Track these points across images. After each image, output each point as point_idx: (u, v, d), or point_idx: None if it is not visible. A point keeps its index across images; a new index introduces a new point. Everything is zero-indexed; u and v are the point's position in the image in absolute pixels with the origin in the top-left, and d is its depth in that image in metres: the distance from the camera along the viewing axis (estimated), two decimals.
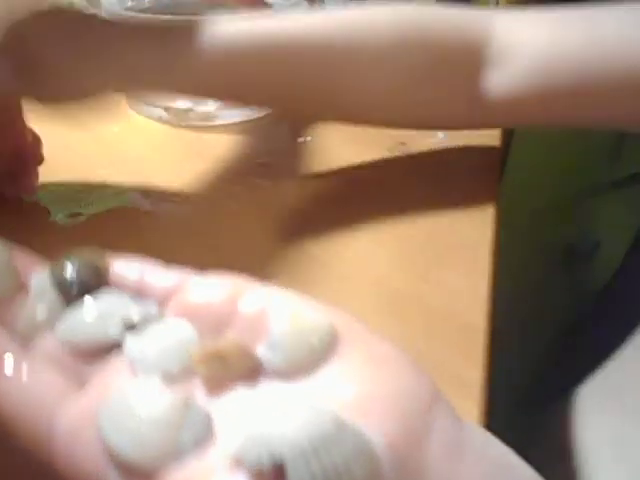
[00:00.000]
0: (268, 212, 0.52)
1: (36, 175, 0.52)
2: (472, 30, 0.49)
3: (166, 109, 0.66)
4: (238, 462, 0.19)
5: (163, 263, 0.28)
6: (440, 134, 0.61)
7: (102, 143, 0.63)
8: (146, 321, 0.25)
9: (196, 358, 0.23)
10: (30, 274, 0.27)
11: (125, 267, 0.27)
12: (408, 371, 0.23)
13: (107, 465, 0.21)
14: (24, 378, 0.23)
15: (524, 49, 0.48)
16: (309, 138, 0.63)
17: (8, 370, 0.23)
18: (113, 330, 0.25)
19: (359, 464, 0.19)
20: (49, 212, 0.51)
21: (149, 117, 0.68)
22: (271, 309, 0.25)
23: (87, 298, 0.26)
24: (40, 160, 0.52)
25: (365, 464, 0.19)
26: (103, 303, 0.26)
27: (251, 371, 0.23)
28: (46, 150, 0.54)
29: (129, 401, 0.22)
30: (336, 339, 0.24)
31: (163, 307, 0.26)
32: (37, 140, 0.52)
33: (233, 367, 0.23)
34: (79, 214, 0.51)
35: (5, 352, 0.23)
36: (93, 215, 0.51)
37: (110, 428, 0.21)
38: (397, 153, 0.59)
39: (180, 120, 0.66)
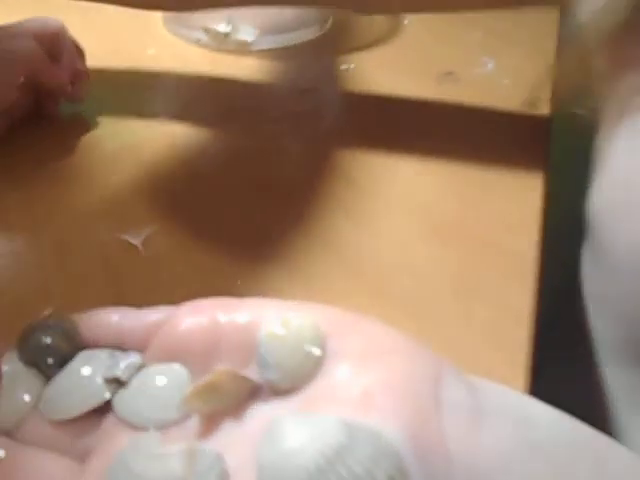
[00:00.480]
0: (307, 137, 0.50)
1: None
2: None
3: (205, 31, 0.63)
4: None
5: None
6: (489, 64, 0.59)
7: (138, 65, 0.61)
8: (131, 373, 0.24)
9: (190, 397, 0.22)
10: None
11: (95, 322, 0.25)
12: (407, 354, 0.23)
13: None
14: (18, 469, 0.21)
15: None
16: (352, 66, 0.61)
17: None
18: (99, 393, 0.23)
19: (381, 466, 0.18)
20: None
21: (187, 40, 0.66)
22: (250, 327, 0.23)
23: (65, 368, 0.24)
24: (86, 75, 0.52)
25: (388, 464, 0.18)
26: (82, 367, 0.24)
27: (249, 394, 0.22)
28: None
29: (132, 468, 0.21)
30: (325, 339, 0.23)
31: (145, 352, 0.25)
32: (82, 54, 0.52)
33: (230, 395, 0.22)
34: None
35: None
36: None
37: None
38: (444, 83, 0.57)
39: (218, 44, 0.64)
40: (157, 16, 0.70)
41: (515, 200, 0.43)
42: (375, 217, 0.42)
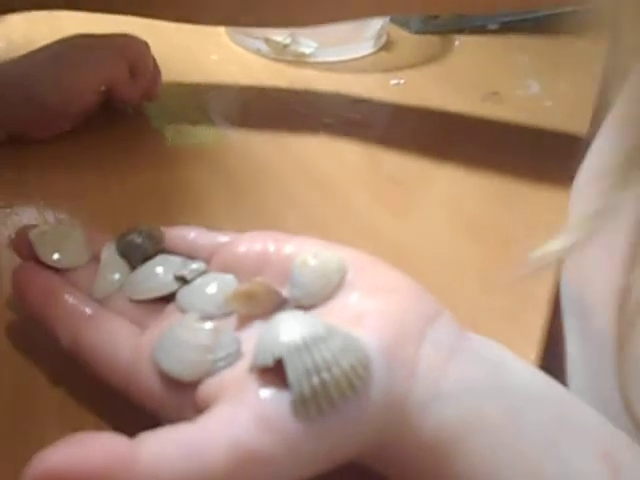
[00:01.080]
0: (357, 143, 0.53)
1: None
2: None
3: (266, 41, 0.68)
4: (252, 370, 0.24)
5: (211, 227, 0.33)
6: (534, 86, 0.62)
7: (201, 70, 0.65)
8: (194, 275, 0.31)
9: (231, 298, 0.28)
10: (100, 247, 0.33)
11: (177, 235, 0.33)
12: (409, 293, 0.27)
13: (165, 384, 0.26)
14: (100, 324, 0.29)
15: None
16: (402, 81, 0.64)
17: (89, 318, 0.29)
18: (168, 285, 0.30)
19: (347, 357, 0.23)
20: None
21: (248, 49, 0.70)
22: (292, 256, 0.29)
23: (147, 263, 0.32)
24: (157, 94, 0.56)
25: (352, 357, 0.23)
26: (159, 265, 0.32)
27: (278, 306, 0.28)
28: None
29: (174, 335, 0.27)
30: (346, 272, 0.28)
31: (210, 263, 0.31)
32: (159, 74, 0.56)
33: (262, 303, 0.28)
34: None
35: (85, 306, 0.29)
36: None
37: (161, 354, 0.26)
38: (489, 102, 0.60)
39: (278, 54, 0.68)
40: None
41: (542, 210, 0.46)
42: (417, 215, 0.45)
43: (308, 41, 0.68)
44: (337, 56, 0.68)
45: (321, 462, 0.23)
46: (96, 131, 0.51)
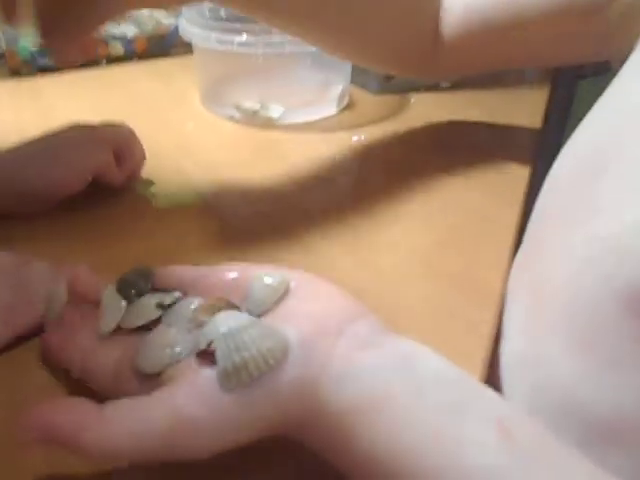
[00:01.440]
0: (323, 196, 0.59)
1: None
2: None
3: (237, 108, 0.74)
4: (197, 354, 0.30)
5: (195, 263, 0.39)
6: (482, 134, 0.68)
7: (179, 138, 0.71)
8: (173, 302, 0.37)
9: (197, 309, 0.34)
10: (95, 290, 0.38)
11: (166, 272, 0.39)
12: (337, 299, 0.33)
13: (136, 384, 0.32)
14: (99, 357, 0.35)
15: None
16: (363, 137, 0.70)
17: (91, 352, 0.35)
18: (152, 313, 0.36)
19: (264, 342, 0.29)
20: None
21: (221, 116, 0.76)
22: (249, 277, 0.35)
23: (141, 298, 0.38)
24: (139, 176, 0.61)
25: (269, 342, 0.29)
26: (147, 299, 0.37)
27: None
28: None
29: (146, 338, 0.34)
30: (288, 286, 0.33)
31: (188, 291, 0.37)
32: (143, 157, 0.61)
33: (218, 311, 0.34)
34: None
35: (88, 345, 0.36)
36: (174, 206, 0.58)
37: (135, 356, 0.33)
38: (443, 154, 0.66)
39: (249, 119, 0.74)
40: (195, 96, 0.81)
41: (487, 243, 0.51)
42: (373, 256, 0.50)
43: (276, 106, 0.74)
44: (303, 118, 0.75)
45: (245, 430, 0.28)
46: (82, 199, 0.55)
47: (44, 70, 0.91)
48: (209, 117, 0.77)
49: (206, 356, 0.30)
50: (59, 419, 0.27)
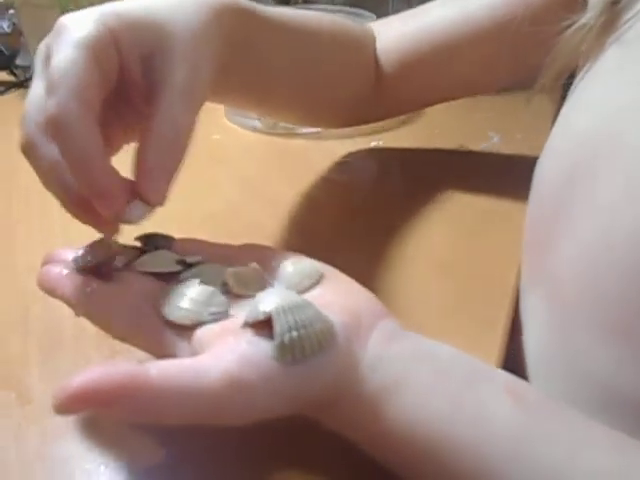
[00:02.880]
0: (344, 200, 0.62)
1: None
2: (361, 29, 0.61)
3: (259, 119, 0.77)
4: (246, 323, 0.31)
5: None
6: (495, 138, 0.71)
7: (207, 148, 0.74)
8: (195, 262, 0.38)
9: (228, 273, 0.36)
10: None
11: (185, 242, 0.40)
12: (365, 297, 0.35)
13: (161, 325, 0.33)
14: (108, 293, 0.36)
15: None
16: (381, 142, 0.73)
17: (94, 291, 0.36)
18: (170, 266, 0.37)
19: (318, 323, 0.30)
20: None
21: (244, 127, 0.80)
22: (282, 259, 0.37)
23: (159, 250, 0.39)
24: None
25: (322, 324, 0.31)
26: (169, 253, 0.39)
27: (263, 289, 0.35)
28: None
29: (178, 289, 0.35)
30: (322, 278, 0.36)
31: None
32: None
33: (252, 285, 0.35)
34: None
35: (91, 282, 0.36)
36: None
37: (165, 305, 0.34)
38: (457, 154, 0.69)
39: (271, 129, 0.77)
40: (220, 108, 0.85)
41: (501, 242, 0.54)
42: (392, 255, 0.53)
43: None
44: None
45: (290, 403, 0.30)
46: None
47: None
48: (233, 128, 0.80)
49: (258, 325, 0.31)
50: (105, 382, 0.26)
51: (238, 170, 0.69)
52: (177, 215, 0.58)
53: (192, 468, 0.34)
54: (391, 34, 0.61)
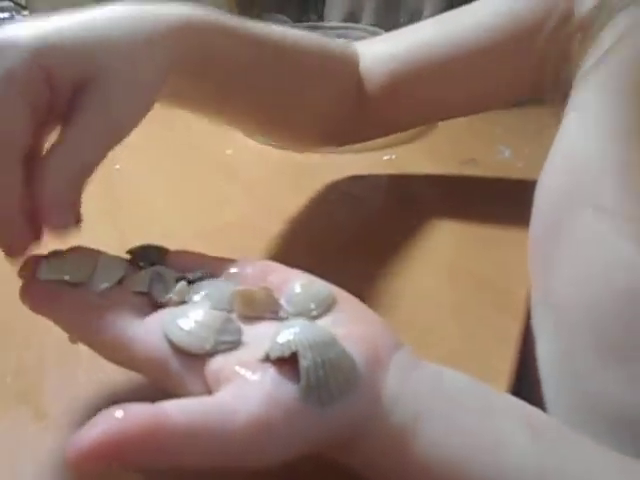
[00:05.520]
0: (357, 214, 0.62)
1: None
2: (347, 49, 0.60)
3: None
4: (267, 357, 0.29)
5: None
6: (506, 152, 0.71)
7: (220, 163, 0.76)
8: (197, 278, 0.36)
9: (234, 294, 0.34)
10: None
11: (180, 255, 0.39)
12: (378, 325, 0.34)
13: (170, 353, 0.31)
14: (102, 310, 0.33)
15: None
16: (394, 156, 0.74)
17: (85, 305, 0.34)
18: (171, 283, 0.35)
19: (344, 361, 0.29)
20: None
21: (259, 141, 0.80)
22: (291, 280, 0.35)
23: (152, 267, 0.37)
24: None
25: (348, 363, 0.30)
26: (163, 269, 0.37)
27: (273, 314, 0.34)
28: (176, 168, 0.68)
29: (186, 312, 0.32)
30: (334, 303, 0.34)
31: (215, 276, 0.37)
32: None
33: (260, 307, 0.34)
34: None
35: (86, 301, 0.34)
36: None
37: (172, 328, 0.31)
38: (468, 167, 0.70)
39: (282, 145, 0.77)
40: None
41: (511, 253, 0.54)
42: (403, 265, 0.53)
43: None
44: None
45: (313, 442, 0.29)
46: None
47: None
48: (247, 143, 0.80)
49: (281, 363, 0.29)
50: (126, 431, 0.24)
51: (250, 184, 0.70)
52: (189, 228, 0.59)
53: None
54: (378, 55, 0.60)
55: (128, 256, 0.38)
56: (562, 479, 0.29)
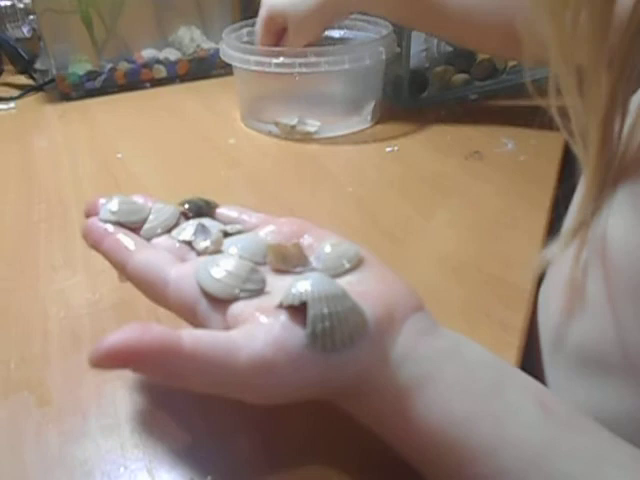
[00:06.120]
0: (359, 206, 0.62)
1: None
2: None
3: (276, 124, 0.78)
4: (280, 305, 0.31)
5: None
6: (510, 145, 0.71)
7: (223, 152, 0.76)
8: (236, 231, 0.39)
9: (268, 248, 0.36)
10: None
11: (227, 210, 0.42)
12: (400, 287, 0.35)
13: (199, 296, 0.33)
14: (149, 253, 0.37)
15: None
16: (396, 148, 0.74)
17: (135, 248, 0.37)
18: (215, 234, 0.38)
19: (352, 316, 0.31)
20: None
21: (260, 131, 0.80)
22: (323, 239, 0.37)
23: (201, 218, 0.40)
24: None
25: (356, 317, 0.31)
26: (210, 222, 0.39)
27: (302, 267, 0.36)
28: (179, 154, 0.68)
29: (218, 261, 0.34)
30: (361, 263, 0.36)
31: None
32: None
33: (291, 262, 0.36)
34: None
35: (135, 243, 0.37)
36: None
37: (203, 275, 0.34)
38: (472, 160, 0.69)
39: (287, 134, 0.78)
40: (236, 113, 0.86)
41: (517, 246, 0.54)
42: (407, 260, 0.53)
43: (313, 121, 0.78)
44: (338, 131, 0.79)
45: (314, 389, 0.30)
46: None
47: (92, 93, 0.98)
48: (249, 133, 0.81)
49: (293, 309, 0.31)
50: (138, 345, 0.27)
51: (253, 174, 0.70)
52: None
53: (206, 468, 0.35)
54: None
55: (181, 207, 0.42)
56: (569, 459, 0.28)
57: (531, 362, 0.43)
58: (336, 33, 0.90)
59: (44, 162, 0.74)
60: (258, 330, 0.30)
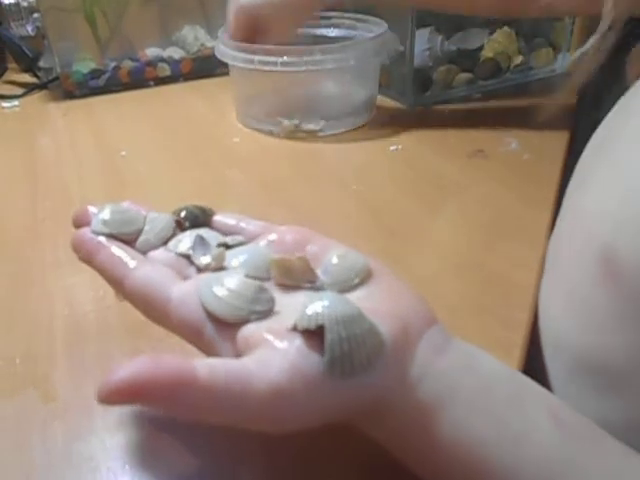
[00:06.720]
0: (362, 205, 0.62)
1: None
2: None
3: (278, 123, 0.78)
4: (294, 327, 0.29)
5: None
6: (514, 144, 0.71)
7: (223, 150, 0.76)
8: (237, 243, 0.37)
9: (271, 262, 0.34)
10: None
11: (224, 217, 0.40)
12: (412, 300, 0.34)
13: (204, 318, 0.31)
14: (148, 269, 0.34)
15: None
16: (400, 147, 0.74)
17: (133, 264, 0.34)
18: (213, 248, 0.36)
19: (369, 338, 0.29)
20: None
21: (261, 131, 0.80)
22: (328, 250, 0.36)
23: (195, 229, 0.38)
24: None
25: (373, 339, 0.29)
26: (208, 233, 0.37)
27: (310, 284, 0.34)
28: (183, 152, 0.68)
29: (221, 280, 0.32)
30: (369, 276, 0.34)
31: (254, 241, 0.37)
32: None
33: (297, 276, 0.34)
34: None
35: (132, 258, 0.35)
36: None
37: (207, 295, 0.32)
38: (476, 159, 0.69)
39: (290, 133, 0.78)
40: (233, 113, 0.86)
41: (520, 243, 0.54)
42: (410, 258, 0.53)
43: (316, 119, 0.78)
44: (340, 128, 0.79)
45: (333, 413, 0.29)
46: None
47: (96, 91, 0.98)
48: (249, 132, 0.81)
49: (308, 334, 0.29)
50: (151, 379, 0.26)
51: (256, 173, 0.70)
52: None
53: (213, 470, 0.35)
54: None
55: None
56: (584, 476, 0.29)
57: (533, 361, 0.43)
58: (330, 32, 0.89)
59: (48, 160, 0.74)
60: (273, 357, 0.29)
